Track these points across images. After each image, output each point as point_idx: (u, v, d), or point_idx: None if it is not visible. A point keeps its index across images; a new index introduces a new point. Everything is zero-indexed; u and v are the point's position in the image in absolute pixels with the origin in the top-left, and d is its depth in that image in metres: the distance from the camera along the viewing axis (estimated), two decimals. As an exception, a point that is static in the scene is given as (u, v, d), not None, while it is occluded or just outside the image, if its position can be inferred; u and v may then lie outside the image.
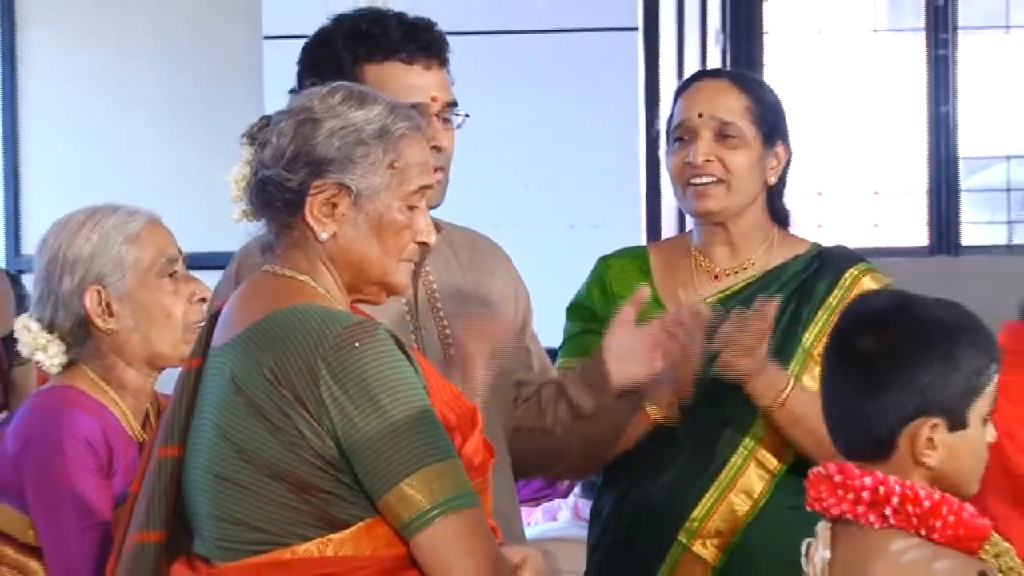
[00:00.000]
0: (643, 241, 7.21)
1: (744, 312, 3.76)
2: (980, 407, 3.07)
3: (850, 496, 3.02)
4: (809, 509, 3.10)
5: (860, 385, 3.06)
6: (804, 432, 3.66)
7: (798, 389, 3.75)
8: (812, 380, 3.74)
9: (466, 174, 3.78)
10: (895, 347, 3.05)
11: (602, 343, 3.70)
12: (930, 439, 3.02)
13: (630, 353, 3.67)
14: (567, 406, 3.75)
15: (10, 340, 4.84)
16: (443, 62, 3.72)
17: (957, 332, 3.08)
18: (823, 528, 3.09)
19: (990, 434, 3.08)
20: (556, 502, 6.79)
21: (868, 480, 3.01)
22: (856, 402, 3.07)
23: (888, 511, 2.99)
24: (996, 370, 3.10)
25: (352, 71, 3.61)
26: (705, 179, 3.91)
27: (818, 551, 3.07)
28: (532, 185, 8.22)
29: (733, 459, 3.86)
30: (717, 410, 3.86)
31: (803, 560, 3.11)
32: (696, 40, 10.69)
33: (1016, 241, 11.18)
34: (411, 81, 3.65)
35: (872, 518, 3.00)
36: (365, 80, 3.56)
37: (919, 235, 11.56)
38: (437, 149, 3.39)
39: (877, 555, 2.99)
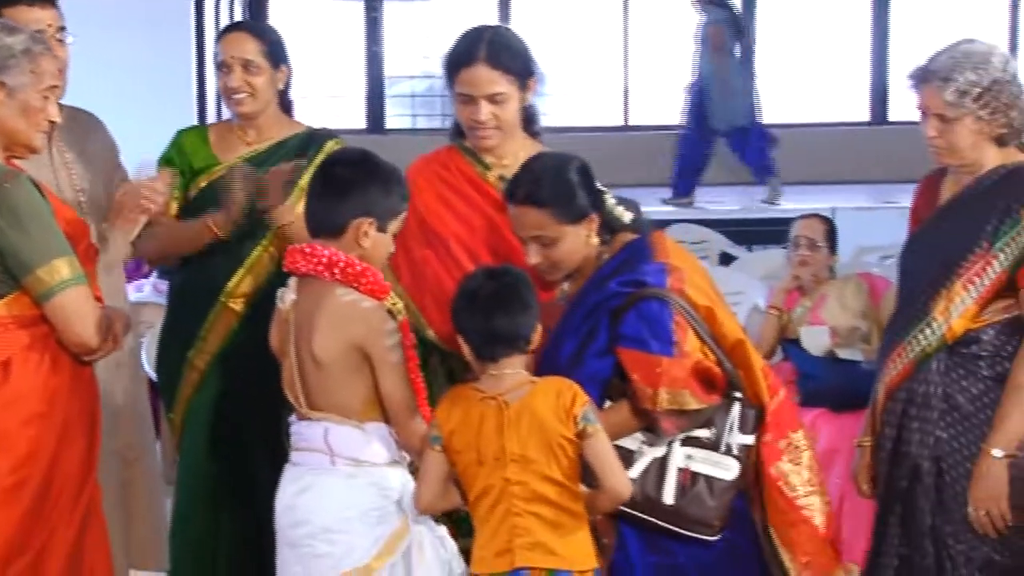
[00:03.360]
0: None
1: (274, 168, 3.71)
2: (394, 225, 3.10)
3: (313, 260, 3.01)
4: (285, 269, 3.11)
5: (332, 191, 3.06)
6: (293, 238, 3.59)
7: (297, 217, 3.69)
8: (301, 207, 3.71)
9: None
10: (357, 171, 3.07)
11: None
12: (366, 232, 3.03)
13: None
14: None
15: None
16: (54, 3, 3.66)
17: (392, 174, 3.11)
18: (292, 281, 3.10)
19: (391, 245, 3.12)
20: (141, 281, 6.61)
21: (326, 252, 3.01)
22: (328, 201, 3.06)
23: (336, 271, 3.00)
24: (406, 208, 3.13)
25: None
26: (241, 95, 3.82)
27: (288, 295, 3.09)
28: (111, 96, 7.96)
29: (255, 251, 3.78)
30: (249, 220, 3.74)
31: (278, 301, 3.12)
32: None
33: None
34: (34, 16, 3.56)
35: (326, 274, 3.00)
36: (8, 17, 3.42)
37: (358, 122, 11.65)
38: (56, 57, 3.26)
39: (328, 295, 3.00)
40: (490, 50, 3.41)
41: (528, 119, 3.58)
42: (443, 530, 3.10)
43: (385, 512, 3.01)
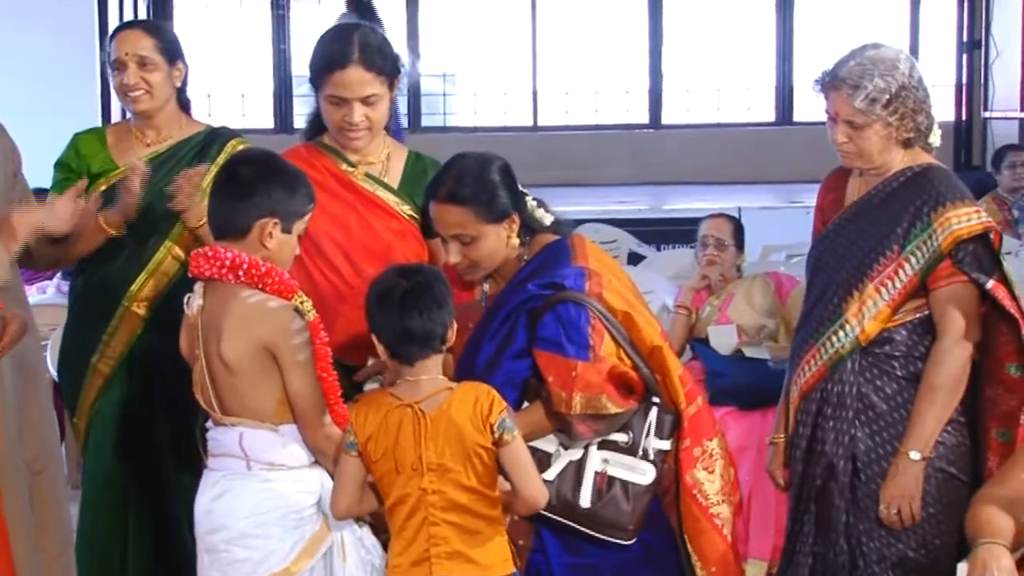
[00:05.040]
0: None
1: (187, 170, 3.61)
2: (299, 227, 3.06)
3: (217, 264, 2.95)
4: (190, 275, 3.04)
5: (237, 192, 3.00)
6: (206, 238, 3.52)
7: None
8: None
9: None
10: (261, 171, 3.02)
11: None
12: (271, 232, 2.99)
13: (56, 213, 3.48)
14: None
15: None
16: None
17: (297, 175, 3.07)
18: (198, 285, 3.03)
19: (297, 246, 3.08)
20: (45, 282, 6.52)
21: (230, 254, 2.95)
22: (232, 202, 3.00)
23: (240, 273, 2.94)
24: (311, 208, 3.08)
25: None
26: (138, 91, 3.73)
27: (194, 300, 3.03)
28: (12, 96, 7.85)
29: (158, 253, 3.72)
30: (151, 223, 3.70)
31: (185, 307, 3.04)
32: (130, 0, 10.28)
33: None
34: None
35: (230, 277, 2.95)
36: None
37: (267, 121, 11.54)
38: None
39: (233, 298, 2.95)
40: (363, 52, 3.37)
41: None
42: (364, 530, 3.06)
43: (303, 515, 2.97)
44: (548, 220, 3.21)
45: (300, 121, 11.70)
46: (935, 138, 3.27)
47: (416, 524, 2.85)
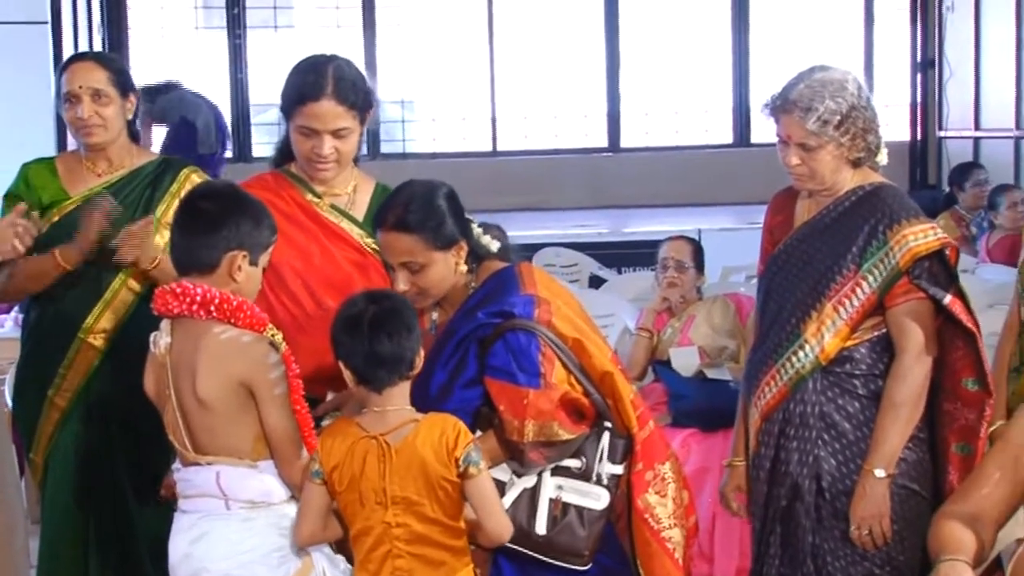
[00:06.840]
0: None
1: (129, 226, 3.60)
2: (264, 259, 3.02)
3: (187, 300, 2.91)
4: (156, 313, 2.99)
5: (203, 226, 2.96)
6: (161, 274, 3.51)
7: (164, 257, 3.60)
8: (163, 240, 3.58)
9: None
10: (227, 204, 2.99)
11: None
12: (240, 265, 2.95)
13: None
14: None
15: None
16: None
17: (262, 208, 3.04)
18: (165, 323, 2.98)
19: (261, 279, 3.04)
20: (3, 317, 6.48)
21: (199, 290, 2.91)
22: (199, 237, 2.95)
23: (212, 308, 2.90)
24: (275, 240, 3.05)
25: None
26: (92, 125, 3.72)
27: (161, 338, 2.98)
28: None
29: (114, 284, 3.70)
30: (105, 255, 3.64)
31: (151, 345, 3.00)
32: (85, 31, 10.23)
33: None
34: None
35: (201, 313, 2.91)
36: None
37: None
38: None
39: (205, 334, 2.90)
40: (336, 85, 3.36)
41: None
42: (341, 561, 3.02)
43: (287, 552, 2.92)
44: (495, 247, 3.21)
45: (258, 149, 11.81)
46: (883, 157, 3.30)
47: (380, 556, 2.83)
